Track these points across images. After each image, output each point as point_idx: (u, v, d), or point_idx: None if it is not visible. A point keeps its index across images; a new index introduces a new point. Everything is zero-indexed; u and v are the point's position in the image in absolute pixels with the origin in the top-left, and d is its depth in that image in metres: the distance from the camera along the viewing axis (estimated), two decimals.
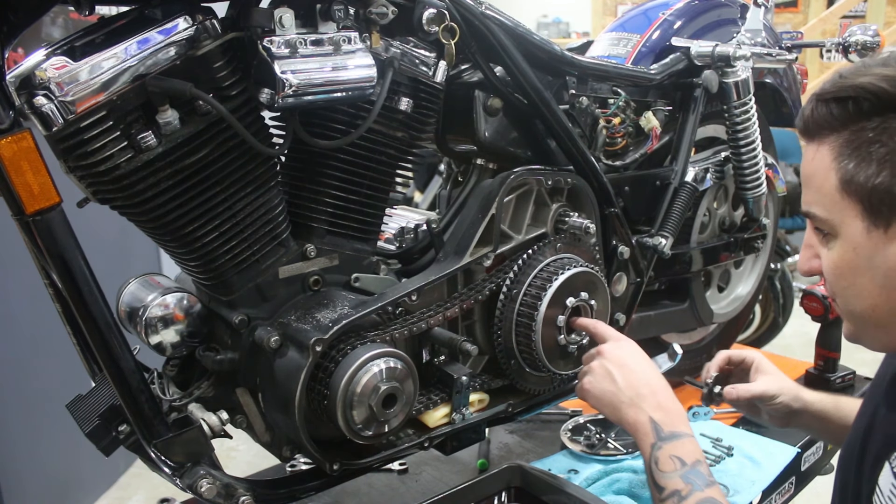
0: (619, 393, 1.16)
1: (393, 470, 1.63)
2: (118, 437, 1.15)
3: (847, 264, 0.90)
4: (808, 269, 0.98)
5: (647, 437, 1.10)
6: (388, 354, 1.13)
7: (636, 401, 1.14)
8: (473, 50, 1.29)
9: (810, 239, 0.97)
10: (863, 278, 0.90)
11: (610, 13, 7.44)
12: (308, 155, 1.18)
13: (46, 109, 0.95)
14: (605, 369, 1.19)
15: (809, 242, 0.97)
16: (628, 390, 1.16)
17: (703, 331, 2.02)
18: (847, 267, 0.91)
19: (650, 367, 1.20)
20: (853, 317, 0.95)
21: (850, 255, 0.90)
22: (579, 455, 1.65)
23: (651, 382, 1.16)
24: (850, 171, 0.87)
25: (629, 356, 1.21)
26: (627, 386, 1.16)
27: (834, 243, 0.92)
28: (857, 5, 5.36)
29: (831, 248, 0.92)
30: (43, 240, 0.98)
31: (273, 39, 1.04)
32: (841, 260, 0.91)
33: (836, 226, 0.90)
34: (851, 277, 0.91)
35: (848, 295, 0.93)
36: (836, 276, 0.93)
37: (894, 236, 0.86)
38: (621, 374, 1.17)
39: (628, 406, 1.15)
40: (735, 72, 1.68)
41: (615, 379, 1.17)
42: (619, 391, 1.16)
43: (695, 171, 1.69)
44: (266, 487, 1.20)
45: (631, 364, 1.19)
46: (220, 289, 1.16)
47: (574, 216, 1.42)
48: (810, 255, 0.97)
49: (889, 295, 0.88)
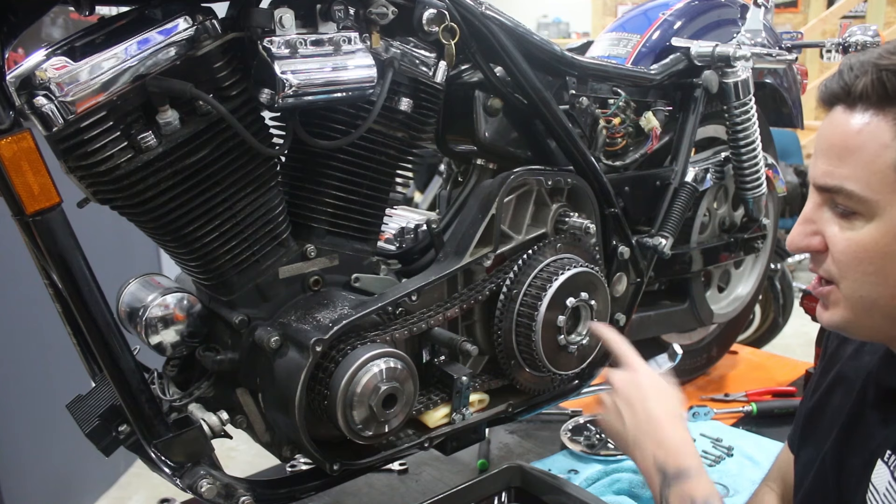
0: (625, 433, 1.11)
1: (393, 470, 1.64)
2: (118, 437, 1.15)
3: (879, 250, 0.84)
4: (806, 245, 0.91)
5: (653, 480, 1.04)
6: (388, 354, 1.13)
7: (640, 441, 1.08)
8: (473, 50, 1.29)
9: (812, 213, 0.90)
10: (893, 265, 0.84)
11: (610, 13, 7.44)
12: (308, 155, 1.18)
13: (46, 109, 0.95)
14: (614, 406, 1.13)
15: (812, 217, 0.90)
16: (632, 430, 1.09)
17: (704, 331, 2.02)
18: (879, 253, 0.84)
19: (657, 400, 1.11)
20: (862, 304, 0.88)
21: (888, 239, 0.83)
22: (579, 455, 1.65)
23: (654, 417, 1.08)
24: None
25: (636, 391, 1.12)
26: (632, 425, 1.10)
27: (862, 224, 0.85)
28: (857, 5, 5.37)
29: (856, 229, 0.85)
30: (43, 240, 0.98)
31: (273, 40, 1.04)
32: (873, 243, 0.84)
33: (879, 208, 0.83)
34: (880, 263, 0.84)
35: (868, 282, 0.86)
36: (860, 259, 0.85)
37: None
38: (628, 413, 1.11)
39: (633, 448, 1.09)
40: (735, 72, 1.68)
41: (622, 416, 1.11)
42: (625, 430, 1.10)
43: (695, 172, 1.69)
44: (266, 487, 1.20)
45: (636, 401, 1.11)
46: (220, 289, 1.16)
47: (574, 216, 1.42)
48: (809, 230, 0.90)
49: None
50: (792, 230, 0.93)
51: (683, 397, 1.16)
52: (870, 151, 0.83)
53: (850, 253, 0.86)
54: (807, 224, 0.91)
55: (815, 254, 0.91)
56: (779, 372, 2.12)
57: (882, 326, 0.90)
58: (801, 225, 0.91)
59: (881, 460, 0.90)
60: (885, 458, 0.89)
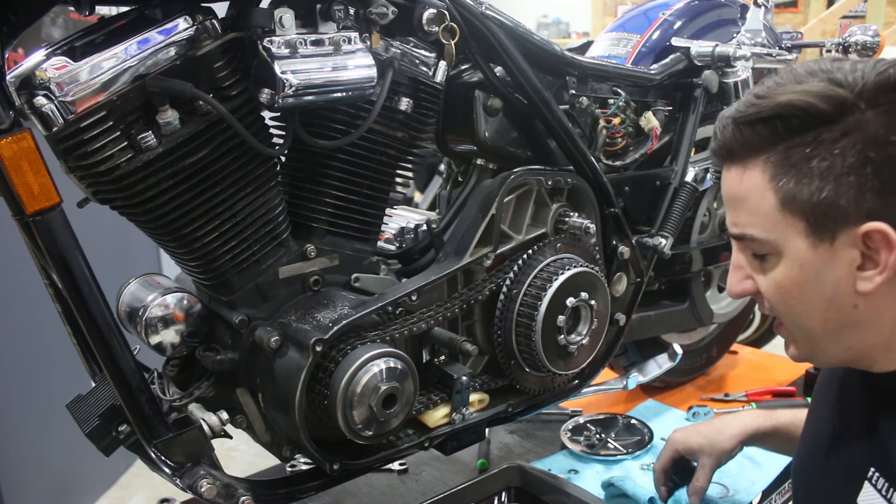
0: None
1: (393, 470, 1.63)
2: (118, 437, 1.15)
3: (793, 282, 0.88)
4: (742, 290, 0.95)
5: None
6: (388, 354, 1.13)
7: None
8: (473, 50, 1.29)
9: (739, 260, 0.95)
10: (812, 293, 0.88)
11: (610, 13, 7.43)
12: (308, 155, 1.18)
13: (46, 109, 0.95)
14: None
15: (739, 264, 0.95)
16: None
17: (704, 331, 2.02)
18: (794, 285, 0.88)
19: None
20: (804, 334, 0.93)
21: (797, 272, 0.88)
22: (579, 455, 1.65)
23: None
24: (790, 189, 0.85)
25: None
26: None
27: (774, 263, 0.90)
28: (858, 5, 5.36)
29: (771, 268, 0.90)
30: (43, 240, 0.98)
31: (273, 39, 1.04)
32: (786, 279, 0.89)
33: (779, 245, 0.88)
34: (799, 295, 0.89)
35: (797, 313, 0.91)
36: (783, 295, 0.90)
37: (840, 247, 0.85)
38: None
39: None
40: (735, 72, 1.68)
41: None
42: None
43: (695, 171, 1.69)
44: (266, 487, 1.20)
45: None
46: (221, 289, 1.16)
47: (574, 216, 1.42)
48: (741, 276, 0.95)
49: (839, 305, 0.87)
50: (728, 277, 0.97)
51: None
52: (753, 199, 0.88)
53: (774, 292, 0.91)
54: (737, 271, 0.96)
55: (755, 296, 0.95)
56: (779, 372, 2.11)
57: (832, 352, 0.93)
58: (733, 272, 0.96)
59: (868, 482, 0.90)
60: (872, 480, 0.89)
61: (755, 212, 0.89)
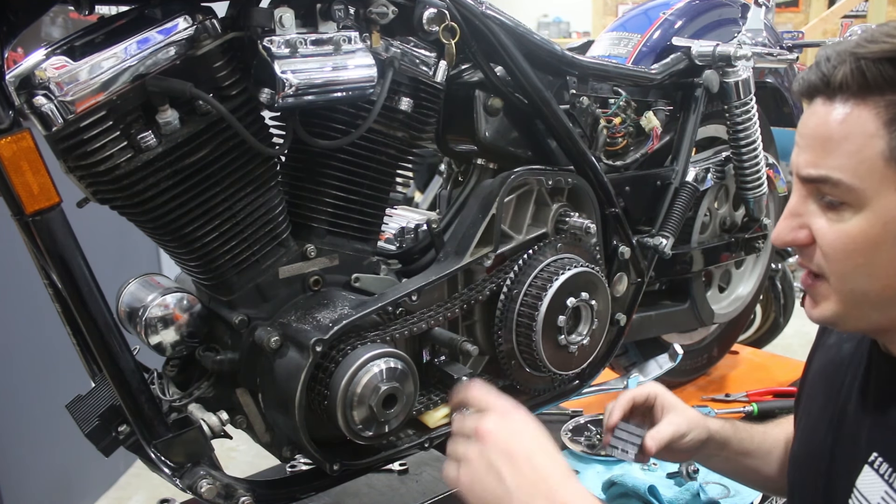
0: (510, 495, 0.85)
1: (393, 470, 1.63)
2: (118, 437, 1.15)
3: (869, 240, 0.82)
4: (792, 239, 0.88)
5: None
6: (388, 355, 1.13)
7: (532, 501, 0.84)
8: (474, 50, 1.29)
9: (798, 207, 0.87)
10: (884, 256, 0.82)
11: (610, 13, 7.43)
12: (308, 155, 1.18)
13: (46, 109, 0.95)
14: (487, 462, 0.87)
15: (797, 211, 0.87)
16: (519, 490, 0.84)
17: (704, 331, 2.02)
18: (869, 243, 0.82)
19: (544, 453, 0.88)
20: (852, 296, 0.86)
21: (877, 230, 0.81)
22: (580, 455, 1.65)
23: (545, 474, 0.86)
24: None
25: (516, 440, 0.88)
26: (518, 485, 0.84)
27: (851, 215, 0.82)
28: (859, 5, 5.35)
29: (844, 220, 0.83)
30: (43, 240, 0.98)
31: (273, 39, 1.04)
32: (862, 234, 0.82)
33: (866, 197, 0.81)
34: (870, 254, 0.82)
35: (857, 273, 0.84)
36: (850, 251, 0.83)
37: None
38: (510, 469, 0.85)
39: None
40: (736, 71, 1.68)
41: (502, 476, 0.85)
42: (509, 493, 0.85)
43: (695, 171, 1.69)
44: (266, 488, 1.20)
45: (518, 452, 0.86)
46: (220, 289, 1.16)
47: (575, 216, 1.42)
48: (795, 224, 0.87)
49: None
50: (778, 224, 0.90)
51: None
52: (855, 141, 0.81)
53: (839, 245, 0.84)
54: (793, 217, 0.88)
55: (803, 248, 0.88)
56: (780, 372, 2.11)
57: (872, 318, 0.87)
58: (786, 219, 0.89)
59: (868, 466, 0.87)
60: (874, 465, 0.87)
61: (852, 155, 0.81)
